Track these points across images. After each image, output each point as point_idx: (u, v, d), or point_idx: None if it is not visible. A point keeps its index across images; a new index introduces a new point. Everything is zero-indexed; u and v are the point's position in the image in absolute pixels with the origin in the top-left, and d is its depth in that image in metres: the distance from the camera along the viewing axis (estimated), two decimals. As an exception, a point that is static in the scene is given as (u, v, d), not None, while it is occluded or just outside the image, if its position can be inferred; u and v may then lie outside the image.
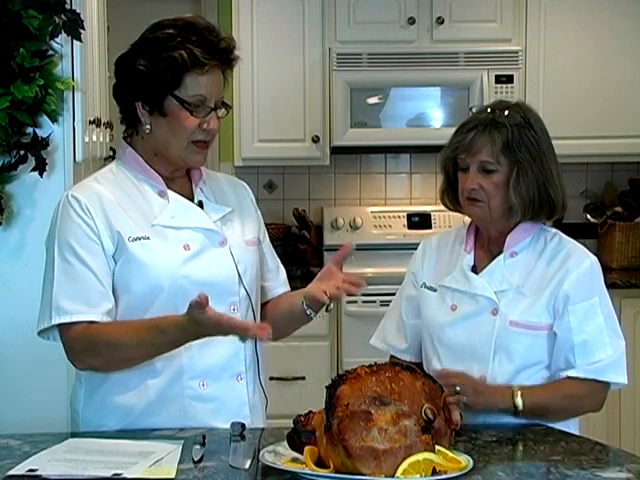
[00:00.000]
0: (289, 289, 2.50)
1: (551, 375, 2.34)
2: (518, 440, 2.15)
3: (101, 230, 2.18)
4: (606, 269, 2.47)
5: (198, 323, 2.03)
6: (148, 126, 2.22)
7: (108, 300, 2.18)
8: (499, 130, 2.33)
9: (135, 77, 2.20)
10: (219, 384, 2.24)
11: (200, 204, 2.30)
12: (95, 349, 2.15)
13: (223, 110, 2.26)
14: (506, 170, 2.34)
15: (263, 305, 2.42)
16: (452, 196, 2.46)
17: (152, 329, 2.13)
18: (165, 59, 2.16)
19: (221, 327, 2.03)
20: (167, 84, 2.18)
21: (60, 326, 2.17)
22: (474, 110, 2.43)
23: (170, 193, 2.27)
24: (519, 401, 2.25)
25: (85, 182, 2.31)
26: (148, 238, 2.20)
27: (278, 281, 2.47)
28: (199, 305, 2.00)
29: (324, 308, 2.20)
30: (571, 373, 2.29)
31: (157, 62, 2.17)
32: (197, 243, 2.24)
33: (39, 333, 2.22)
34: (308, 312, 2.24)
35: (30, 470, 1.88)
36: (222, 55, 2.21)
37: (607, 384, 2.32)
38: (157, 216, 2.24)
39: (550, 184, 2.36)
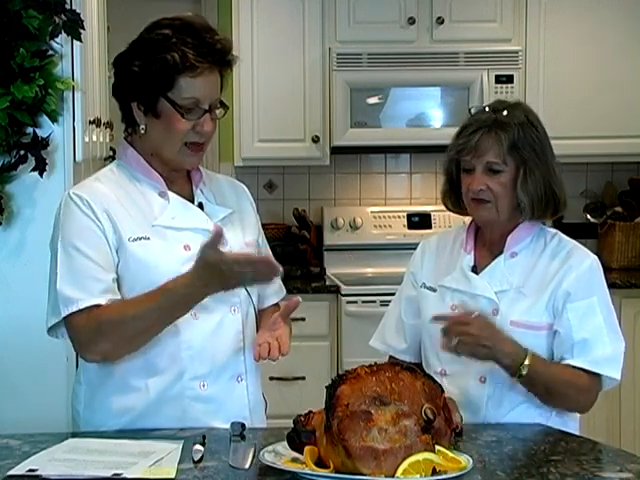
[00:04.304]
0: (283, 294, 2.48)
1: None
2: (518, 440, 2.15)
3: (104, 224, 2.18)
4: (606, 269, 2.46)
5: (210, 267, 2.04)
6: (143, 126, 2.22)
7: (112, 292, 2.17)
8: (505, 130, 2.33)
9: (130, 78, 2.20)
10: (219, 385, 2.23)
11: (200, 205, 2.30)
12: (102, 331, 2.13)
13: (220, 110, 2.25)
14: (512, 170, 2.34)
15: None
16: (454, 198, 2.46)
17: (157, 292, 2.12)
18: (157, 61, 2.16)
19: (238, 265, 2.03)
20: (160, 86, 2.17)
21: (66, 319, 2.16)
22: (473, 111, 2.43)
23: (170, 194, 2.27)
24: (525, 368, 2.23)
25: (86, 182, 2.32)
26: (148, 238, 2.20)
27: (271, 289, 2.44)
28: (215, 239, 2.02)
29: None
30: (567, 362, 2.29)
31: (150, 64, 2.16)
32: (197, 244, 2.22)
33: (49, 332, 2.22)
34: None
35: (30, 470, 1.88)
36: (217, 56, 2.20)
37: (600, 381, 2.32)
38: (157, 217, 2.23)
39: (554, 181, 2.37)
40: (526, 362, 2.24)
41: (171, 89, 2.17)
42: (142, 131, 2.22)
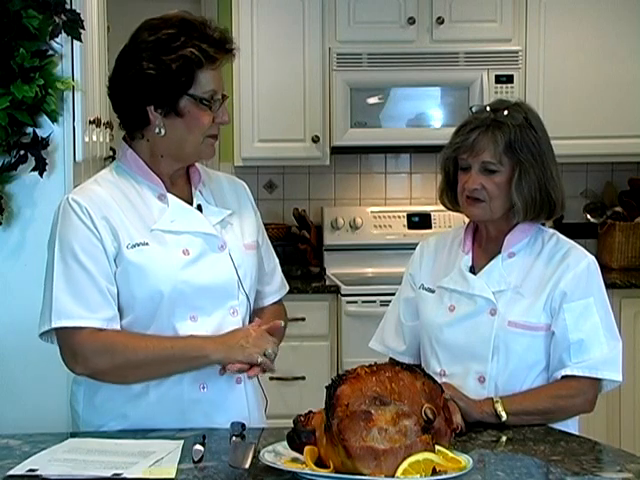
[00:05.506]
0: (285, 291, 2.49)
1: (549, 376, 2.34)
2: (518, 440, 2.15)
3: (102, 233, 2.17)
4: (606, 269, 2.47)
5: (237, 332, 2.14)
6: (163, 129, 2.19)
7: (109, 307, 2.16)
8: (501, 130, 2.33)
9: (145, 81, 2.16)
10: (219, 387, 2.23)
11: (199, 208, 2.29)
12: (109, 352, 2.14)
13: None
14: (508, 170, 2.34)
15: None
16: (451, 195, 2.46)
17: (174, 336, 2.16)
18: (177, 59, 2.14)
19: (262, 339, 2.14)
20: (182, 84, 2.15)
21: (60, 330, 2.16)
22: (474, 109, 2.43)
23: (170, 197, 2.25)
24: (500, 408, 2.23)
25: (85, 185, 2.30)
26: (147, 244, 2.19)
27: (272, 286, 2.45)
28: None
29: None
30: (564, 372, 2.29)
31: (169, 63, 2.14)
32: (196, 248, 2.23)
33: (40, 336, 2.22)
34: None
35: (30, 470, 1.88)
36: (224, 46, 2.20)
37: (599, 382, 2.32)
38: (156, 220, 2.22)
39: (550, 184, 2.36)
40: (498, 408, 2.23)
41: (192, 85, 2.16)
42: (161, 133, 2.19)
